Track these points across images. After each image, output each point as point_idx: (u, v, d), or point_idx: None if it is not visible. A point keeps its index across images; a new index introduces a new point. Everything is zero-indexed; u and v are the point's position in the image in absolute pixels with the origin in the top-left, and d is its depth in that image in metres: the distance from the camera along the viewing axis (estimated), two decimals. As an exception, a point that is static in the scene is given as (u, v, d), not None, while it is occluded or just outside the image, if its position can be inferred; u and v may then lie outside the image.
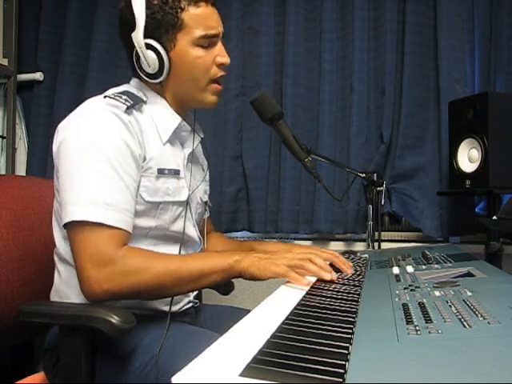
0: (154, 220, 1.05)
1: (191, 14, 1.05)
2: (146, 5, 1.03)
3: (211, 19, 1.08)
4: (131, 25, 1.04)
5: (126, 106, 1.00)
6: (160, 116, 1.09)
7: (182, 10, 1.04)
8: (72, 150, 0.97)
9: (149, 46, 1.04)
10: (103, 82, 2.06)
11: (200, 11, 1.06)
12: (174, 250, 1.10)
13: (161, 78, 1.07)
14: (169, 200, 1.07)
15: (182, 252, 1.10)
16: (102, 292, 0.91)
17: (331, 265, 1.06)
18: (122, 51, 1.16)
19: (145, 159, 1.03)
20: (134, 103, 1.03)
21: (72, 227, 0.94)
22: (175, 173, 1.10)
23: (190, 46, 1.06)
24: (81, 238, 0.93)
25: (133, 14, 1.03)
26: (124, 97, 1.02)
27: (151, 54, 1.04)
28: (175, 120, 1.11)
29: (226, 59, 1.11)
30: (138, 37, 1.03)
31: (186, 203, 1.12)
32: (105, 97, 1.02)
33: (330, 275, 0.94)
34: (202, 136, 1.24)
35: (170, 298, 1.02)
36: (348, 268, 1.06)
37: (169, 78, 1.08)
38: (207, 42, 1.08)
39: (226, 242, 1.41)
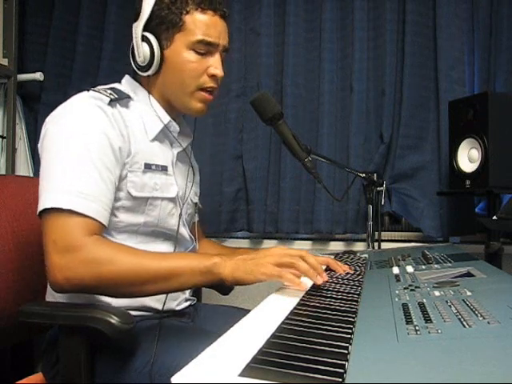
0: (143, 216, 1.05)
1: (194, 18, 1.06)
2: (156, 1, 1.06)
3: (213, 28, 1.08)
4: (136, 16, 1.08)
5: (109, 99, 1.01)
6: (148, 113, 1.10)
7: (187, 12, 1.06)
8: (53, 141, 0.97)
9: (145, 39, 1.07)
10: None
11: (204, 18, 1.07)
12: (164, 247, 1.10)
13: (149, 72, 1.08)
14: (157, 195, 1.07)
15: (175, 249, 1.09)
16: (63, 280, 0.87)
17: (328, 268, 1.06)
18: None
19: (130, 153, 1.03)
20: (119, 98, 1.04)
21: (43, 216, 0.92)
22: (163, 169, 1.10)
23: (185, 48, 1.07)
24: (49, 224, 0.91)
25: (141, 6, 1.07)
26: (109, 91, 1.03)
27: (145, 46, 1.06)
28: (164, 119, 1.11)
29: (218, 71, 1.09)
30: (138, 28, 1.07)
31: (177, 200, 1.12)
32: (89, 90, 1.03)
33: (321, 279, 0.88)
34: (192, 138, 1.23)
35: (164, 295, 0.99)
36: (344, 269, 1.04)
37: (158, 75, 1.09)
38: (203, 49, 1.07)
39: (217, 249, 1.36)
